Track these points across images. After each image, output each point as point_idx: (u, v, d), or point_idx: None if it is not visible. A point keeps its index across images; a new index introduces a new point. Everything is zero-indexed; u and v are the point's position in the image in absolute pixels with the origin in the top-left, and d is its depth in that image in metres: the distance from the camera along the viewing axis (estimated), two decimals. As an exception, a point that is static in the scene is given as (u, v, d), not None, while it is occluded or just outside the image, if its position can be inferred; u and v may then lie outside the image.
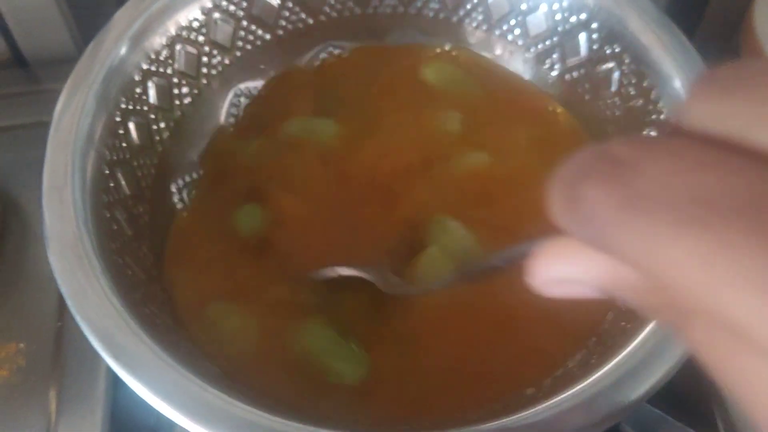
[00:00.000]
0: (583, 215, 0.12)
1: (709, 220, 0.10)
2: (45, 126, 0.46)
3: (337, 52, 0.38)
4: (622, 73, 0.33)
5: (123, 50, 0.31)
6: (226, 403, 0.23)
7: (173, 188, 0.33)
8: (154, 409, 0.33)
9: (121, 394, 0.35)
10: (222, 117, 0.35)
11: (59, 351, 0.37)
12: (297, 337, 0.29)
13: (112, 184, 0.29)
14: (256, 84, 0.36)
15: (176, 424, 0.33)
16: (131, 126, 0.31)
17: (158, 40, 0.32)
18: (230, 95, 0.36)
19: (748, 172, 0.11)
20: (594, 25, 0.33)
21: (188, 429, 0.23)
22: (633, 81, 0.32)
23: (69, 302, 0.25)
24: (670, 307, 0.12)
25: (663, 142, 0.12)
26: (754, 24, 0.48)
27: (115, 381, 0.36)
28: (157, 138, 0.33)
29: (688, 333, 0.12)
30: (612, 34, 0.33)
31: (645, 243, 0.11)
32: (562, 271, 0.14)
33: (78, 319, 0.25)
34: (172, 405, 0.23)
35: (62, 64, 0.48)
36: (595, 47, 0.34)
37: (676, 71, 0.30)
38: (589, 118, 0.34)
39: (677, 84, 0.30)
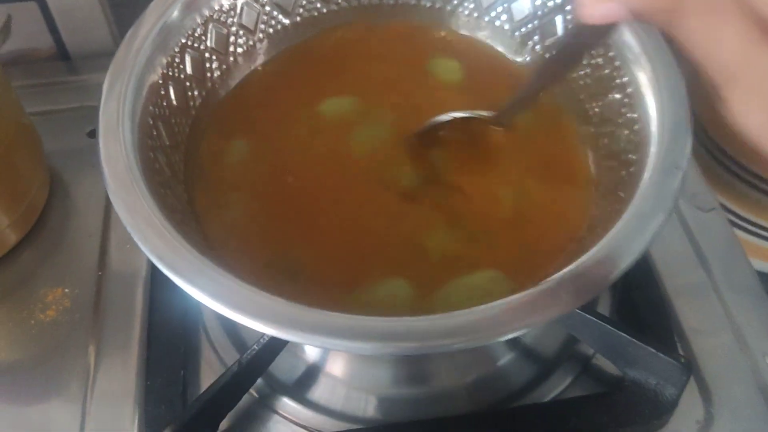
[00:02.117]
0: None
1: None
2: (85, 110, 0.52)
3: (347, 36, 0.43)
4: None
5: (167, 21, 0.36)
6: (256, 294, 0.28)
7: (203, 146, 0.39)
8: (184, 336, 0.38)
9: (154, 329, 0.40)
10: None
11: (99, 295, 0.42)
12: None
13: (155, 133, 0.34)
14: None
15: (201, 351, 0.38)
16: (171, 89, 0.37)
17: (195, 19, 0.38)
18: (253, 70, 0.42)
19: None
20: (568, 8, 0.39)
21: (221, 312, 0.27)
22: (601, 53, 0.37)
23: (122, 216, 0.30)
24: (667, 8, 0.19)
25: None
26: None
27: (149, 318, 0.41)
28: (191, 103, 0.38)
29: (681, 23, 0.19)
30: (582, 14, 0.38)
31: None
32: None
33: (129, 229, 0.29)
34: (206, 293, 0.27)
35: (100, 58, 0.54)
36: (569, 26, 0.39)
37: (635, 40, 0.35)
38: (565, 88, 0.40)
39: (636, 50, 0.35)
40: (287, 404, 0.38)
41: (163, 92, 0.36)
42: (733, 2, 0.19)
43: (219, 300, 0.27)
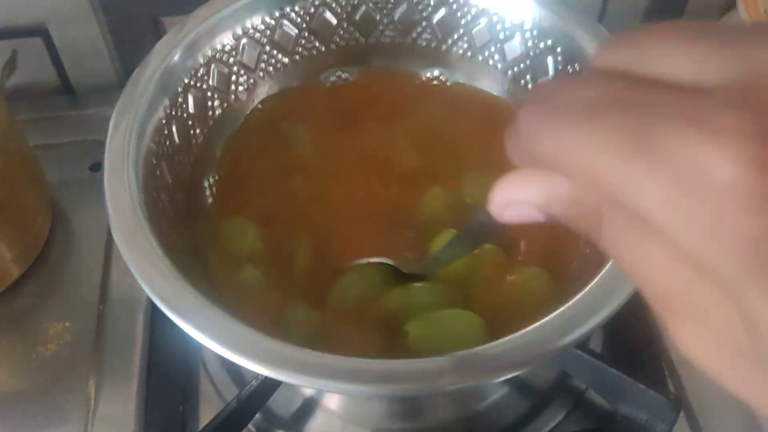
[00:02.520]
0: (517, 137, 0.17)
1: (591, 115, 0.15)
2: (88, 144, 0.53)
3: (344, 75, 0.45)
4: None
5: (170, 63, 0.37)
6: (255, 335, 0.28)
7: (205, 183, 0.40)
8: (184, 371, 0.38)
9: (154, 364, 0.41)
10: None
11: (100, 329, 0.43)
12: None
13: (158, 172, 0.35)
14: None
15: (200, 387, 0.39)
16: (173, 128, 0.38)
17: (198, 60, 0.39)
18: (253, 108, 0.43)
19: (620, 85, 0.15)
20: (558, 49, 0.40)
21: (221, 354, 0.28)
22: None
23: (125, 256, 0.30)
24: (587, 217, 0.16)
25: (575, 77, 0.17)
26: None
27: (149, 354, 0.41)
28: (194, 141, 0.39)
29: (601, 234, 0.16)
30: (573, 56, 0.39)
31: (555, 141, 0.15)
32: (511, 195, 0.18)
33: (133, 270, 0.30)
34: (206, 334, 0.28)
35: (104, 92, 0.55)
36: (560, 67, 0.40)
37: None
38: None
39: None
40: (284, 438, 0.39)
41: (166, 132, 0.37)
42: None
43: (219, 341, 0.28)
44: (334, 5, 0.43)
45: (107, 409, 0.39)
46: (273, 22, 0.42)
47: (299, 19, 0.42)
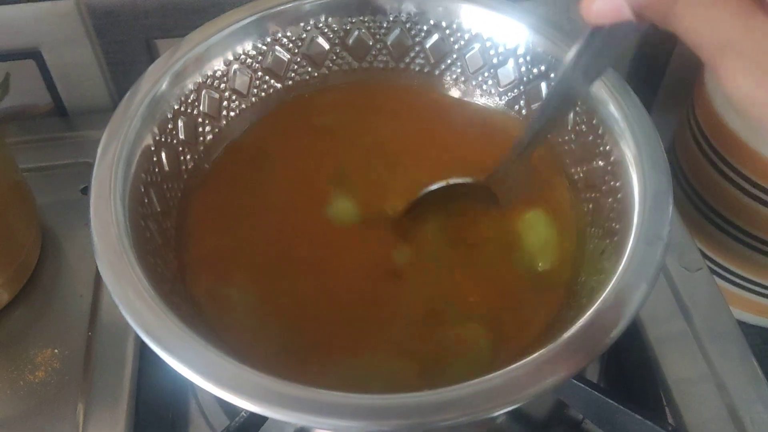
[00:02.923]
0: None
1: None
2: (80, 166, 0.53)
3: (338, 99, 0.44)
4: (576, 114, 0.39)
5: (159, 90, 0.37)
6: (242, 370, 0.28)
7: (194, 210, 0.39)
8: (173, 399, 0.38)
9: (143, 391, 0.40)
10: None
11: (89, 356, 0.42)
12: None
13: (146, 200, 0.35)
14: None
15: (190, 416, 0.38)
16: (163, 155, 0.37)
17: (188, 86, 0.39)
18: (245, 133, 0.42)
19: None
20: (552, 75, 0.40)
21: (207, 389, 0.28)
22: (584, 119, 0.38)
23: (110, 288, 0.30)
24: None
25: None
26: (705, 84, 0.54)
27: (138, 381, 0.41)
28: (183, 167, 0.39)
29: (675, 10, 0.21)
30: (566, 82, 0.39)
31: None
32: None
33: (117, 301, 0.30)
34: (193, 369, 0.28)
35: (97, 114, 0.55)
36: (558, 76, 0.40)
37: (617, 109, 0.36)
38: (551, 153, 0.40)
39: (618, 117, 0.36)
40: (275, 469, 0.38)
41: (155, 159, 0.37)
42: None
43: (204, 376, 0.28)
44: (326, 30, 0.43)
45: (94, 440, 0.38)
46: (265, 47, 0.42)
47: (291, 45, 0.42)
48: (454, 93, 0.44)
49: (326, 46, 0.43)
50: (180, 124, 0.39)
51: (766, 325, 0.59)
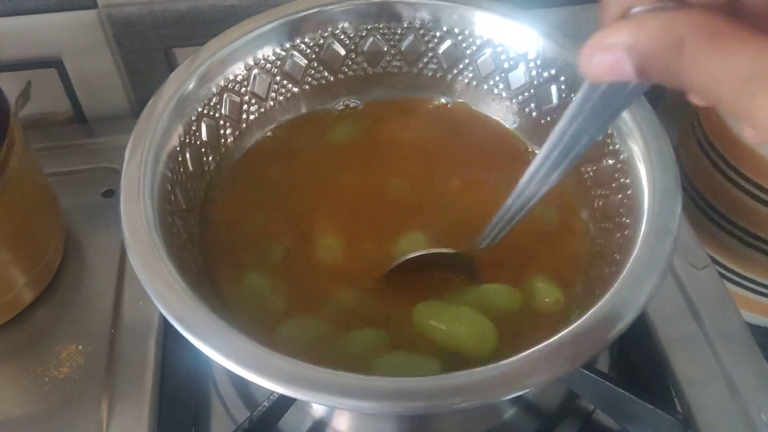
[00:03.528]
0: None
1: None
2: (100, 171, 0.54)
3: (353, 104, 0.46)
4: (585, 115, 0.40)
5: (185, 92, 0.38)
6: (269, 354, 0.29)
7: (216, 208, 0.40)
8: (195, 392, 0.39)
9: (166, 385, 0.41)
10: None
11: (112, 352, 0.43)
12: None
13: (172, 198, 0.36)
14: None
15: (211, 408, 0.39)
16: (187, 155, 0.39)
17: (211, 90, 0.40)
18: (264, 136, 0.44)
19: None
20: (562, 78, 0.41)
21: (234, 371, 0.29)
22: (594, 120, 0.40)
23: (142, 279, 0.31)
24: (670, 47, 0.20)
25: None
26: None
27: (161, 375, 0.42)
28: (206, 168, 0.40)
29: (683, 59, 0.19)
30: (576, 84, 0.40)
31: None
32: (603, 39, 0.21)
33: (149, 292, 0.31)
34: (221, 353, 0.29)
35: (116, 120, 0.57)
36: (563, 95, 0.41)
37: (627, 111, 0.37)
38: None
39: (626, 116, 0.37)
40: (295, 460, 0.39)
41: (180, 158, 0.38)
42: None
43: (233, 359, 0.29)
44: (342, 37, 0.44)
45: (120, 431, 0.39)
46: (283, 53, 0.43)
47: (308, 50, 0.44)
48: (466, 97, 0.45)
49: (342, 51, 0.44)
50: (203, 126, 0.40)
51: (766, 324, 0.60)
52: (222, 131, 0.42)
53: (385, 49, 0.45)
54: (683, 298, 0.45)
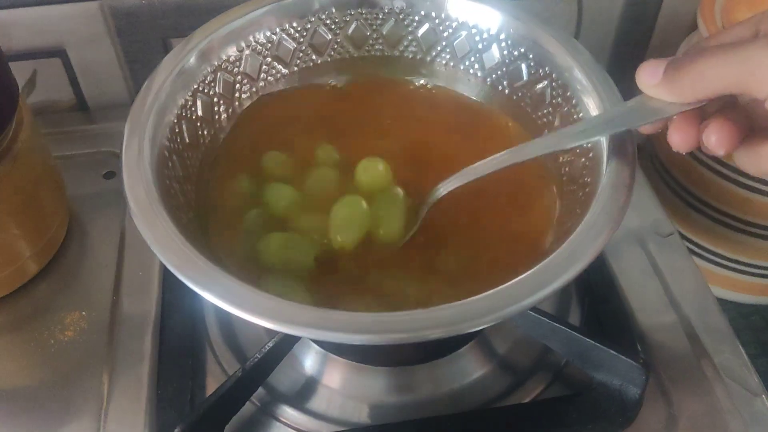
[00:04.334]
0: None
1: None
2: (101, 155, 0.57)
3: (339, 85, 0.49)
4: (552, 88, 0.43)
5: (184, 67, 0.41)
6: (263, 297, 0.32)
7: (211, 178, 0.43)
8: (191, 350, 0.41)
9: (164, 345, 0.44)
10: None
11: (114, 317, 0.46)
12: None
13: (170, 164, 0.39)
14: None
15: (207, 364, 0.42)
16: (184, 128, 0.42)
17: (207, 68, 0.43)
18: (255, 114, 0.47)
19: None
20: (530, 56, 0.44)
21: (231, 312, 0.31)
22: (560, 93, 0.43)
23: (145, 235, 0.34)
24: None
25: None
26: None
27: (160, 339, 0.44)
28: (201, 141, 0.43)
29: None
30: (543, 61, 0.44)
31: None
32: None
33: (152, 246, 0.34)
34: (219, 297, 0.32)
35: (116, 108, 0.60)
36: (532, 72, 0.45)
37: (588, 81, 0.41)
38: (532, 126, 0.45)
39: (589, 88, 0.40)
40: (287, 411, 0.42)
41: (177, 130, 0.41)
42: None
43: (230, 302, 0.31)
44: (328, 22, 0.47)
45: (122, 388, 0.42)
46: (274, 36, 0.46)
47: (297, 34, 0.47)
48: (443, 77, 0.49)
49: (328, 35, 0.48)
50: (198, 102, 0.43)
51: (741, 301, 0.63)
52: (216, 108, 0.45)
53: (368, 33, 0.48)
54: (649, 263, 0.48)
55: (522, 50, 0.45)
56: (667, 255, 0.48)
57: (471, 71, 0.48)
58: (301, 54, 0.48)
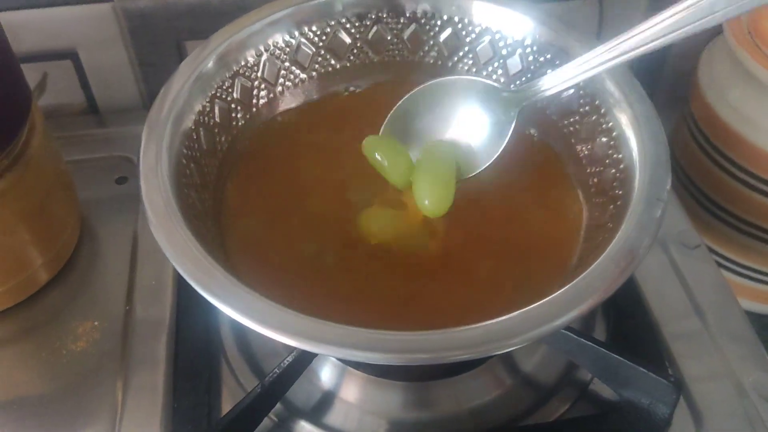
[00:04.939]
0: None
1: None
2: (113, 160, 0.56)
3: (358, 90, 0.48)
4: (580, 96, 0.42)
5: (202, 73, 0.40)
6: (285, 312, 0.31)
7: (229, 186, 0.42)
8: (206, 363, 0.40)
9: (180, 357, 0.43)
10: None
11: (127, 327, 0.45)
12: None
13: (188, 172, 0.38)
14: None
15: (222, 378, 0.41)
16: (201, 135, 0.41)
17: (224, 74, 0.42)
18: (273, 119, 0.46)
19: None
20: (557, 62, 0.43)
21: (251, 327, 0.30)
22: (588, 102, 0.42)
23: (163, 246, 0.33)
24: None
25: None
26: (699, 82, 0.58)
27: (175, 351, 0.43)
28: (219, 147, 0.42)
29: None
30: (570, 68, 0.43)
31: None
32: None
33: (168, 255, 0.32)
34: (238, 311, 0.30)
35: (128, 112, 0.59)
36: (559, 79, 0.43)
37: (617, 88, 0.40)
38: (557, 135, 0.44)
39: (618, 97, 0.39)
40: (303, 427, 0.40)
41: (195, 137, 0.40)
42: None
43: (248, 317, 0.30)
44: (348, 26, 0.46)
45: (136, 401, 0.41)
46: (292, 41, 0.45)
47: (316, 39, 0.46)
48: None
49: (348, 40, 0.47)
50: (216, 108, 0.42)
51: (765, 312, 0.62)
52: (233, 114, 0.44)
53: (389, 38, 0.47)
54: (676, 276, 0.47)
55: (548, 57, 0.44)
56: (694, 267, 0.47)
57: (494, 77, 0.46)
58: (320, 59, 0.47)
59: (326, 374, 0.43)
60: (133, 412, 0.40)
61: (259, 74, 0.44)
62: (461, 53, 0.47)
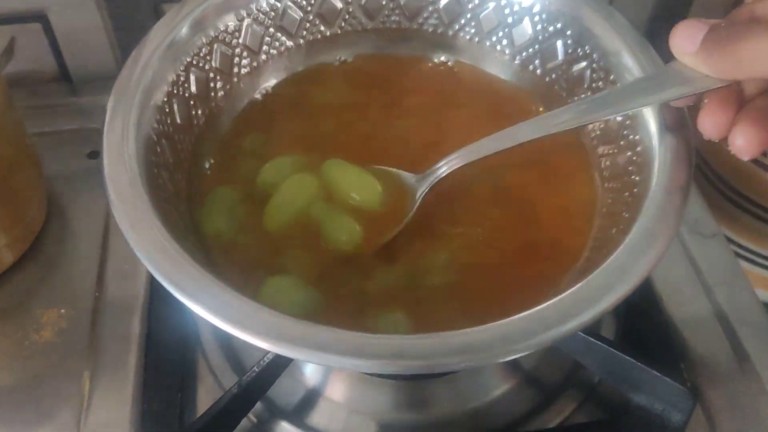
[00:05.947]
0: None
1: None
2: (85, 132, 0.52)
3: (349, 59, 0.44)
4: (593, 71, 0.38)
5: (174, 39, 0.36)
6: (257, 310, 0.27)
7: (206, 165, 0.38)
8: (182, 359, 0.37)
9: (151, 351, 0.40)
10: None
11: (96, 316, 0.42)
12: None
13: (158, 149, 0.34)
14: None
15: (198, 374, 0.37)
16: (175, 107, 0.37)
17: (201, 39, 0.38)
18: (256, 93, 0.42)
19: None
20: (568, 32, 0.39)
21: (223, 328, 0.27)
22: (602, 76, 0.38)
23: (125, 231, 0.29)
24: None
25: None
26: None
27: (146, 340, 0.40)
28: (195, 122, 0.38)
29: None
30: (582, 39, 0.39)
31: None
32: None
33: (131, 242, 0.29)
34: (208, 310, 0.27)
35: (103, 80, 0.54)
36: (569, 51, 0.40)
37: (635, 63, 0.36)
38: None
39: (637, 73, 0.35)
40: (286, 429, 0.37)
41: (167, 110, 0.36)
42: None
43: (221, 317, 0.27)
44: (340, -12, 0.42)
45: (103, 398, 0.38)
46: (278, 4, 0.41)
47: (304, 2, 0.42)
48: (467, 54, 0.43)
49: (339, 4, 0.42)
50: (192, 77, 0.38)
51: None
52: (212, 85, 0.40)
53: (384, 2, 0.43)
54: (692, 267, 0.44)
55: (558, 26, 0.40)
56: (710, 258, 0.43)
57: (498, 48, 0.42)
58: (308, 24, 0.42)
59: (310, 371, 0.39)
60: (99, 411, 0.37)
61: (240, 41, 0.40)
62: (463, 21, 0.43)
